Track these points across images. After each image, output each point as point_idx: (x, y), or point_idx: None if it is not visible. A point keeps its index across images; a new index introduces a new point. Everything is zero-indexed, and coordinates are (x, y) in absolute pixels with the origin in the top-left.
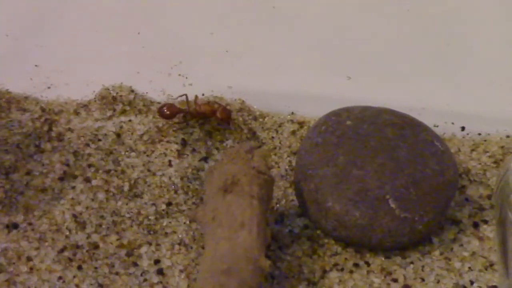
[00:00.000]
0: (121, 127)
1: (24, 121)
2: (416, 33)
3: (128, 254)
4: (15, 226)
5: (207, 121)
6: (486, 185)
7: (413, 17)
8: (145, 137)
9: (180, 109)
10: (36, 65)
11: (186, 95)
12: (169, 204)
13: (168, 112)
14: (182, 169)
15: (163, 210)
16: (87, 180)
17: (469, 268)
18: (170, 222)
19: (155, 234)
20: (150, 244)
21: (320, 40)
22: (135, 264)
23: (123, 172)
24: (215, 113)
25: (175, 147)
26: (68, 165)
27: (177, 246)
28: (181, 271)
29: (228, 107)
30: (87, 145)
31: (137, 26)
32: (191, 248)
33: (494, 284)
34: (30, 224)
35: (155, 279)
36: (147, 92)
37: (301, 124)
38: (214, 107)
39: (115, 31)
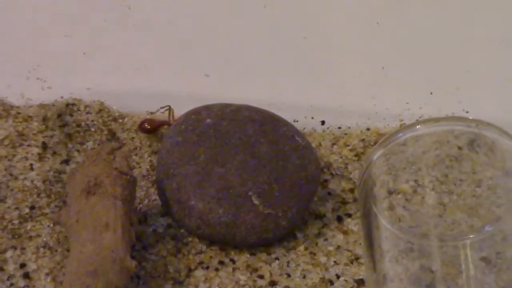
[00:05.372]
0: None
1: None
2: (272, 28)
3: None
4: None
5: None
6: (348, 179)
7: (269, 12)
8: (6, 142)
9: (161, 122)
10: None
11: (169, 106)
12: (32, 207)
13: (149, 127)
14: (43, 172)
15: (26, 213)
16: None
17: (335, 262)
18: (34, 226)
19: (20, 238)
20: (15, 248)
21: (176, 38)
22: (1, 269)
23: None
24: None
25: (36, 150)
26: None
27: (42, 249)
28: (47, 274)
29: None
30: None
31: None
32: (56, 251)
33: (360, 277)
34: None
35: (22, 283)
36: (6, 97)
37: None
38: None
39: None
